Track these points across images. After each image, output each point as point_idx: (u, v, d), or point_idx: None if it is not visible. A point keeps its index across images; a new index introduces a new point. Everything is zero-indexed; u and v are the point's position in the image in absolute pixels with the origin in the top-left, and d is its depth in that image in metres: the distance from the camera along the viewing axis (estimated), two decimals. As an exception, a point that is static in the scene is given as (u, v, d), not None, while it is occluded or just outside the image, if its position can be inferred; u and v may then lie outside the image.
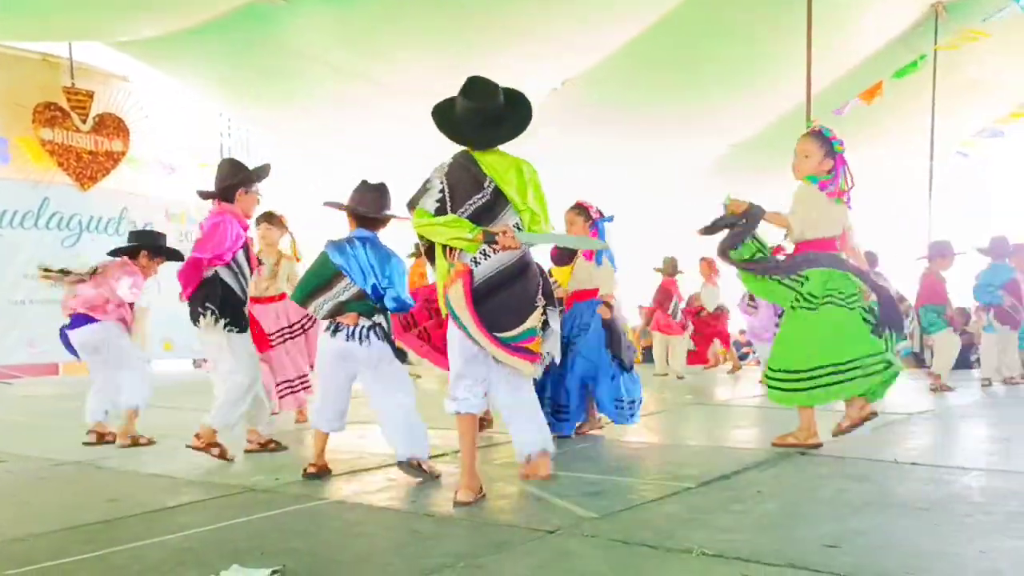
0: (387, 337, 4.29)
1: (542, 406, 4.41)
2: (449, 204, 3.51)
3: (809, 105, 10.02)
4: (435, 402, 4.33)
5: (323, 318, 4.29)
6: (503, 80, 3.62)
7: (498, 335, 3.46)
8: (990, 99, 14.03)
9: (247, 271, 4.96)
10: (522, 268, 3.54)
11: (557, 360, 3.84)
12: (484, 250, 3.49)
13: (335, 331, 4.25)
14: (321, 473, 4.30)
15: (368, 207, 4.34)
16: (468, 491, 3.55)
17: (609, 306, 5.24)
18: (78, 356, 5.91)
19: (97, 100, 12.88)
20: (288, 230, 6.58)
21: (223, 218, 4.80)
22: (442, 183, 3.55)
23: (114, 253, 6.03)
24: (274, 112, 12.91)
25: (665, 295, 11.13)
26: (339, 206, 4.41)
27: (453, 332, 3.63)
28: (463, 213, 3.49)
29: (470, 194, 3.50)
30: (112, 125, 13.03)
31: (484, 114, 3.56)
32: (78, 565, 2.82)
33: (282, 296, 6.37)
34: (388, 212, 4.41)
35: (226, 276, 4.82)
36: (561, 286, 5.47)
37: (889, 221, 13.35)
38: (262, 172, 5.02)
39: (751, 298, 10.30)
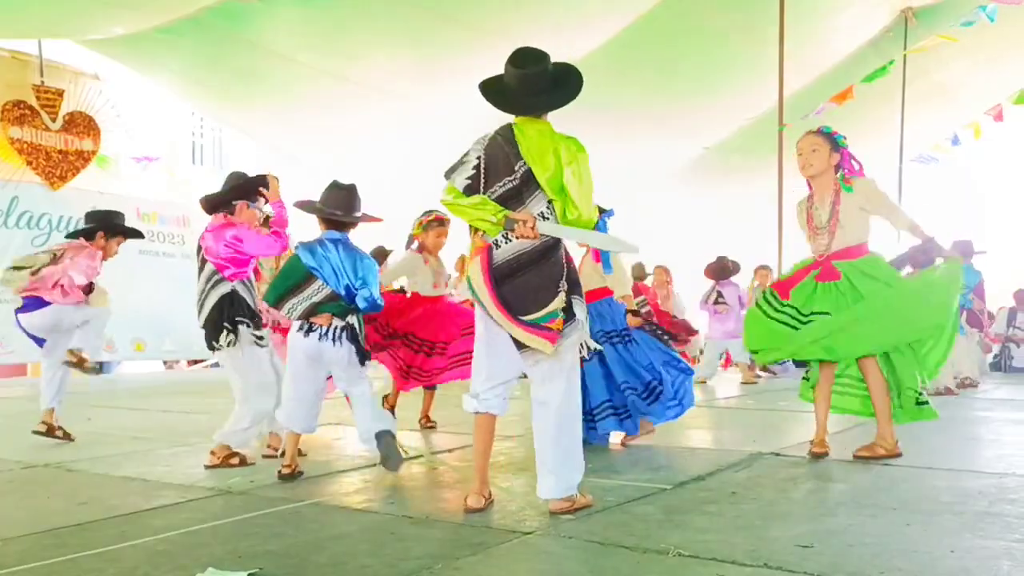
0: (356, 338, 4.34)
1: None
2: (483, 182, 3.37)
3: (781, 109, 10.15)
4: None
5: (297, 319, 4.28)
6: (479, 79, 3.59)
7: (519, 317, 3.30)
8: (956, 106, 14.25)
9: (255, 287, 4.93)
10: (543, 252, 3.34)
11: (592, 348, 3.56)
12: (505, 233, 3.34)
13: (308, 331, 4.26)
14: (295, 474, 4.29)
15: (339, 208, 4.35)
16: (478, 497, 3.44)
17: (635, 311, 5.30)
18: (38, 341, 5.87)
19: (67, 98, 12.73)
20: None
21: (223, 229, 4.71)
22: (479, 159, 3.40)
23: (72, 236, 5.98)
24: (247, 112, 12.82)
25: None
26: (309, 207, 4.41)
27: (478, 321, 3.49)
28: (492, 195, 3.35)
29: (501, 175, 3.35)
30: (82, 124, 12.89)
31: (528, 80, 3.38)
32: (49, 569, 2.79)
33: None
34: (358, 214, 4.42)
35: (242, 291, 4.74)
36: None
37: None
38: (259, 182, 4.91)
39: (720, 296, 10.41)
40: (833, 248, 4.46)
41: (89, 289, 5.80)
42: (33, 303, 5.65)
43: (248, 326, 4.69)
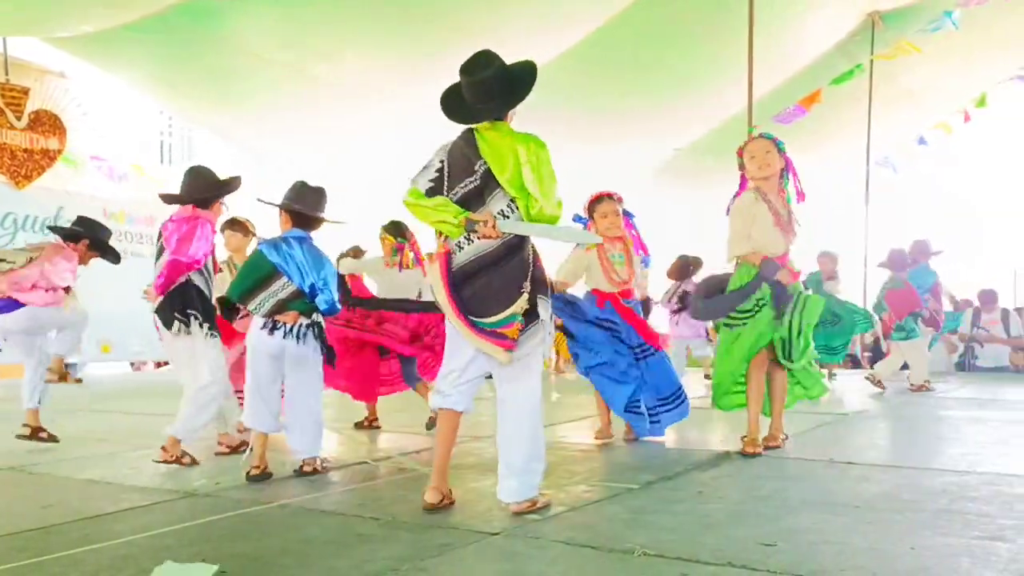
0: (321, 337, 4.36)
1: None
2: (445, 184, 3.39)
3: (751, 111, 10.22)
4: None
5: (264, 315, 4.27)
6: (452, 79, 3.58)
7: (476, 320, 3.31)
8: (922, 108, 14.46)
9: (212, 277, 4.93)
10: (506, 253, 3.33)
11: (549, 354, 3.67)
12: (467, 235, 3.35)
13: (272, 329, 4.27)
14: (264, 475, 4.27)
15: (305, 206, 4.33)
16: (436, 492, 3.44)
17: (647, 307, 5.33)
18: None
19: (33, 97, 12.55)
20: (255, 234, 6.55)
21: (199, 221, 4.75)
22: (441, 162, 3.43)
23: (54, 230, 5.89)
24: (216, 111, 12.72)
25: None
26: (278, 203, 4.40)
27: (446, 323, 3.50)
28: (454, 196, 3.37)
29: (463, 177, 3.37)
30: (48, 122, 12.72)
31: (477, 87, 3.41)
32: (12, 572, 2.75)
33: None
34: (322, 214, 4.42)
35: (198, 281, 4.76)
36: None
37: (826, 227, 13.66)
38: (236, 184, 4.98)
39: (686, 295, 10.44)
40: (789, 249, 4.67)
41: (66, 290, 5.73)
42: (8, 305, 5.56)
43: (198, 319, 4.69)
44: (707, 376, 10.17)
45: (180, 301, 4.69)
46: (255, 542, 3.06)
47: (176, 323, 4.66)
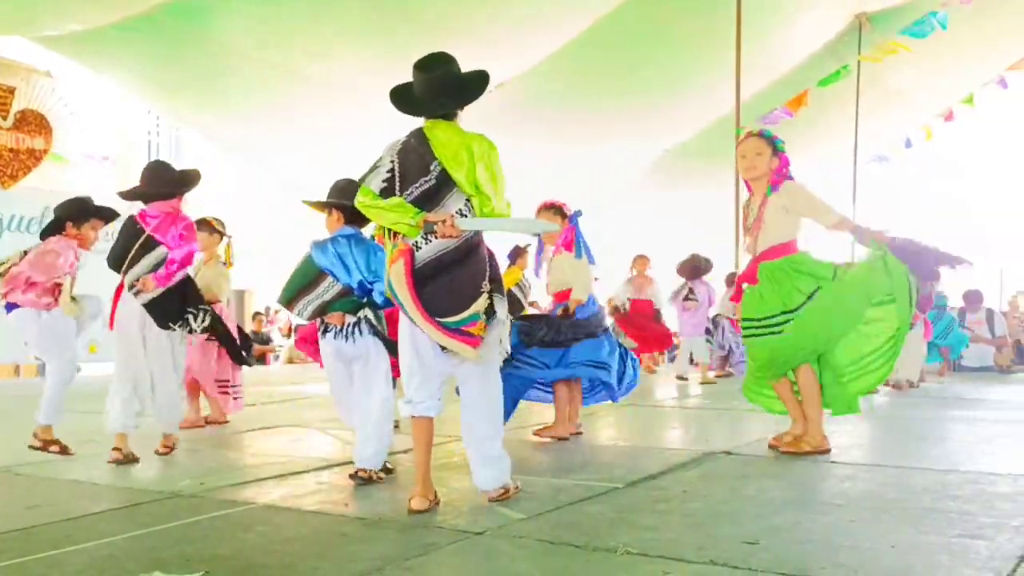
0: (376, 331, 4.18)
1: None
2: (398, 185, 3.39)
3: (739, 112, 10.27)
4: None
5: (308, 319, 4.28)
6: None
7: (440, 320, 3.32)
8: (909, 109, 14.54)
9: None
10: (466, 252, 3.38)
11: (508, 350, 3.68)
12: (425, 235, 3.36)
13: (325, 331, 4.24)
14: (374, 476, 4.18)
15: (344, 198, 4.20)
16: (422, 499, 3.44)
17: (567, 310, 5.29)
18: None
19: (18, 96, 12.49)
20: (223, 233, 6.54)
21: (189, 219, 4.93)
22: (392, 162, 3.42)
23: (44, 233, 5.61)
24: (203, 110, 12.68)
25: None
26: (320, 204, 4.34)
27: (403, 324, 3.51)
28: (408, 196, 3.36)
29: (417, 177, 3.37)
30: (34, 122, 12.66)
31: (433, 83, 3.44)
32: (-7, 575, 2.75)
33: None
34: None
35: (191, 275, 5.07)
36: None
37: (813, 227, 13.71)
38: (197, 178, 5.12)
39: (691, 293, 10.48)
40: (758, 249, 4.56)
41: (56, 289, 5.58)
42: (8, 305, 5.51)
43: (207, 312, 4.97)
44: (704, 381, 10.18)
45: (193, 297, 4.94)
46: (239, 543, 3.05)
47: (183, 319, 4.84)
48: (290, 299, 4.23)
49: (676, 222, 15.64)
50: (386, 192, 3.39)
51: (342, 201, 4.23)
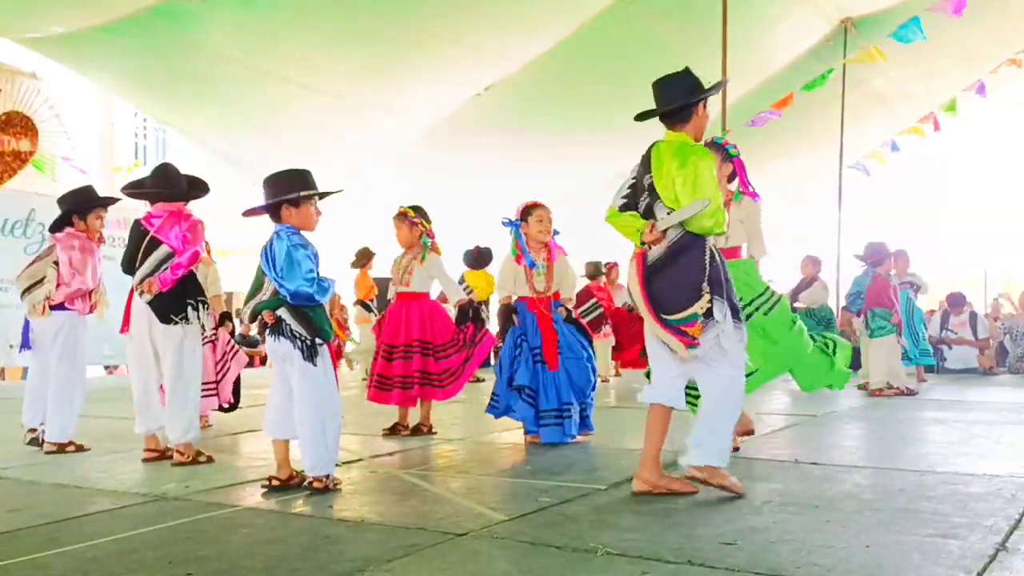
0: (292, 333, 4.02)
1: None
2: (635, 199, 3.81)
3: (724, 115, 10.31)
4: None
5: (248, 321, 4.27)
6: (425, 83, 3.64)
7: (662, 316, 3.62)
8: (894, 113, 14.65)
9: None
10: (676, 253, 3.67)
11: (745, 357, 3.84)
12: (643, 242, 3.73)
13: (265, 331, 4.18)
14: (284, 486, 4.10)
15: (265, 198, 4.15)
16: (642, 483, 3.72)
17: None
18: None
19: (3, 98, 12.45)
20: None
21: (197, 220, 4.94)
22: (633, 179, 3.85)
23: (54, 227, 5.69)
24: (189, 113, 12.67)
25: (582, 298, 11.25)
26: (252, 211, 4.30)
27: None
28: (640, 209, 3.78)
29: (643, 191, 3.78)
30: (19, 124, 12.62)
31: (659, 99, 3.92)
32: (-24, 578, 2.76)
33: None
34: (281, 198, 4.11)
35: (196, 273, 5.06)
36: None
37: (799, 230, 13.82)
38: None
39: None
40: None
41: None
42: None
43: (205, 305, 4.98)
44: None
45: (192, 289, 4.92)
46: (222, 545, 3.07)
47: (184, 312, 4.83)
48: (245, 303, 4.25)
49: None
50: (625, 207, 3.85)
51: (276, 200, 4.10)
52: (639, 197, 3.78)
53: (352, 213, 5.98)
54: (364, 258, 10.52)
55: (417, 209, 6.03)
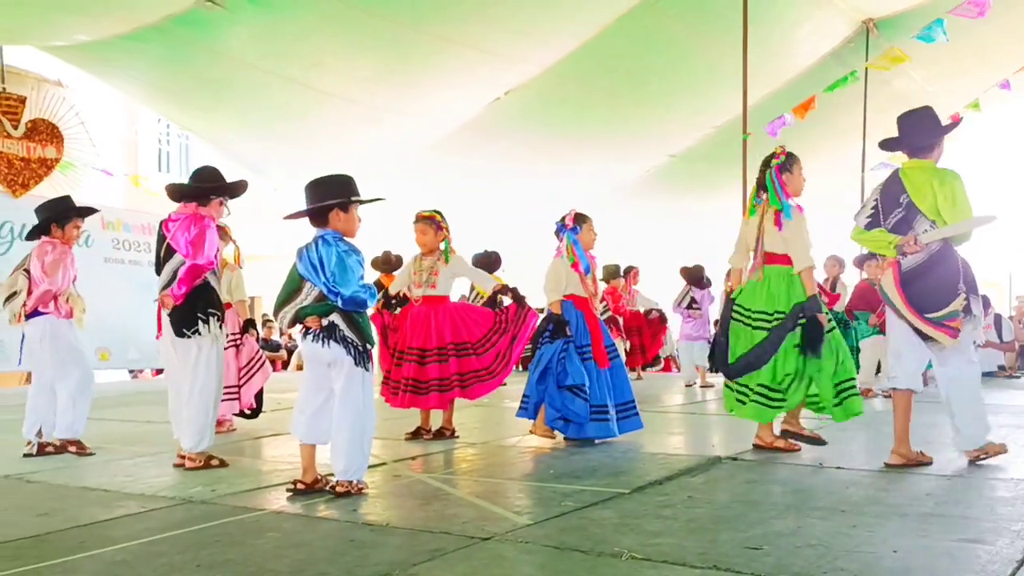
0: (344, 339, 4.03)
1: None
2: (880, 217, 4.43)
3: (745, 118, 10.28)
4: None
5: (288, 326, 4.27)
6: (445, 87, 3.63)
7: (925, 315, 4.24)
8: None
9: (220, 274, 5.10)
10: (936, 262, 4.27)
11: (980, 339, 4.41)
12: (901, 252, 4.32)
13: (304, 335, 4.15)
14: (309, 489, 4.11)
15: (308, 204, 4.19)
16: (897, 456, 4.39)
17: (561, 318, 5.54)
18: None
19: (29, 105, 12.57)
20: (232, 240, 6.63)
21: (205, 222, 4.87)
22: (876, 200, 4.48)
23: (31, 236, 5.76)
24: (212, 119, 12.77)
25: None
26: (295, 214, 4.30)
27: (890, 318, 4.49)
28: (887, 225, 4.39)
29: (892, 209, 4.39)
30: (45, 131, 12.73)
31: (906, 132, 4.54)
32: (8, 580, 2.80)
33: (228, 305, 6.27)
34: (325, 202, 4.14)
35: (212, 281, 4.94)
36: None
37: (822, 234, 13.70)
38: (241, 188, 5.15)
39: (693, 301, 10.55)
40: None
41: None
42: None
43: (217, 317, 4.88)
44: (703, 385, 10.21)
45: (204, 303, 4.85)
46: (249, 548, 3.10)
47: (196, 326, 4.79)
48: (277, 308, 4.22)
49: (683, 228, 15.66)
50: (870, 225, 4.47)
51: (325, 204, 4.12)
52: (887, 215, 4.38)
53: (370, 217, 5.99)
54: (390, 264, 10.54)
55: (440, 213, 6.07)
